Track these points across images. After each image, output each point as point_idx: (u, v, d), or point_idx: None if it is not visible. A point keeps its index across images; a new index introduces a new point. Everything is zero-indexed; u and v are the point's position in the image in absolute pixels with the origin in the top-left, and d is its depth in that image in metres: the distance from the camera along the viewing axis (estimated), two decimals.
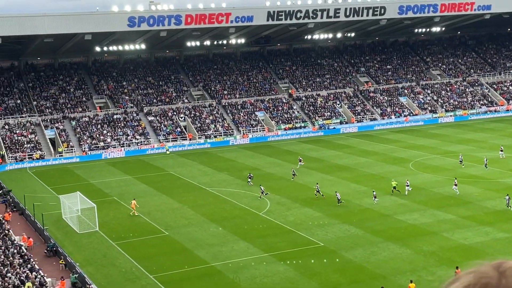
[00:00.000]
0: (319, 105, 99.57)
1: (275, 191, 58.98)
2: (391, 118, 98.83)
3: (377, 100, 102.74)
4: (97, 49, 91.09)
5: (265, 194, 56.38)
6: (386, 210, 52.17)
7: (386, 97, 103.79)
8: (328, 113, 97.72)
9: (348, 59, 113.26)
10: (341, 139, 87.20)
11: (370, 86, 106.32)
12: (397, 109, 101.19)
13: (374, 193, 54.41)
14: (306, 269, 40.00)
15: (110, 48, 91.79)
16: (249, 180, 62.30)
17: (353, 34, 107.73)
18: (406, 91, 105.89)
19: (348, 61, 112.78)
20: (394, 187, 56.54)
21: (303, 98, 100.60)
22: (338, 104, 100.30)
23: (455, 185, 56.45)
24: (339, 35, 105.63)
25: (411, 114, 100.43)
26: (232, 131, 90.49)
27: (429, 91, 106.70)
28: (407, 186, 56.65)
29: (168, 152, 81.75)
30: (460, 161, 67.59)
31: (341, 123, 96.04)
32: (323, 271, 39.64)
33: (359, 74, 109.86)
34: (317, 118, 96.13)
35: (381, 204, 53.53)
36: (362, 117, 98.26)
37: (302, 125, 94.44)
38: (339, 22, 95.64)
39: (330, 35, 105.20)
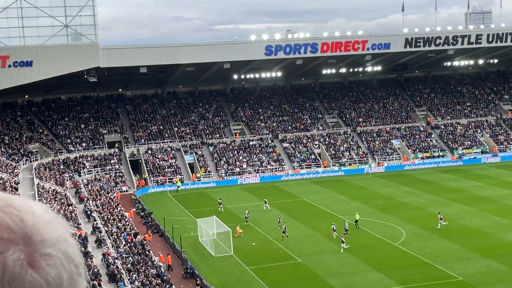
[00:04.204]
0: (458, 133, 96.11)
1: (412, 221, 57.30)
2: None
3: None
4: (235, 77, 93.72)
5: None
6: None
7: None
8: (469, 142, 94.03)
9: (490, 86, 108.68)
10: (482, 169, 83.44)
11: None
12: None
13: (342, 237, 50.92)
14: None
15: (248, 76, 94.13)
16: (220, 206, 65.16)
17: (496, 61, 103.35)
18: None
19: (491, 89, 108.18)
20: (356, 221, 55.70)
21: (442, 126, 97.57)
22: (479, 133, 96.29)
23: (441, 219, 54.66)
24: (481, 61, 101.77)
25: None
26: (367, 159, 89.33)
27: None
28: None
29: (178, 190, 78.10)
30: None
31: (482, 152, 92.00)
32: None
33: (502, 102, 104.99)
34: (456, 147, 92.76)
35: None
36: (505, 147, 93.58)
37: (441, 154, 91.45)
38: (481, 48, 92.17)
39: (471, 62, 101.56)
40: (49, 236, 1.74)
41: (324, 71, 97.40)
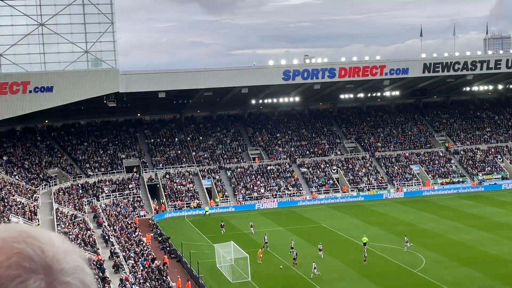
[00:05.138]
0: (478, 159, 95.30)
1: (432, 248, 56.62)
2: None
3: None
4: (253, 102, 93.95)
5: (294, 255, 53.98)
6: None
7: None
8: (489, 168, 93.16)
9: (510, 111, 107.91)
10: (503, 196, 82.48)
11: None
12: None
13: (314, 264, 50.19)
14: None
15: (265, 100, 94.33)
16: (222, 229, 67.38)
17: None
18: None
19: (511, 114, 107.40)
20: (364, 244, 55.47)
21: (461, 152, 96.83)
22: (500, 159, 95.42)
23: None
24: (500, 86, 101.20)
25: None
26: (386, 185, 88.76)
27: None
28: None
29: (208, 214, 78.55)
30: None
31: (502, 178, 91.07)
32: None
33: None
34: (476, 172, 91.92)
35: None
36: None
37: (461, 179, 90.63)
38: (500, 74, 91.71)
39: (491, 87, 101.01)
40: (68, 266, 1.84)
41: (342, 96, 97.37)
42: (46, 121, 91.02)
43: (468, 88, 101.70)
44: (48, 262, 1.82)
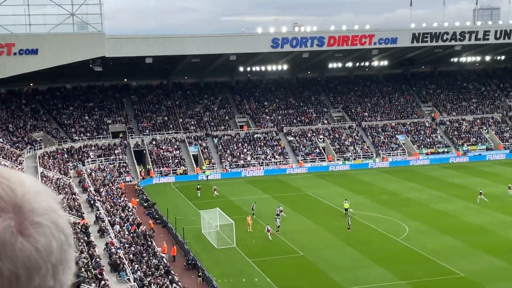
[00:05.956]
0: (464, 130, 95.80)
1: (415, 217, 57.19)
2: None
3: None
4: (241, 69, 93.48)
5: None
6: None
7: None
8: (474, 139, 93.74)
9: (497, 83, 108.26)
10: (487, 166, 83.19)
11: None
12: None
13: None
14: None
15: (254, 68, 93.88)
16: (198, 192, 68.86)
17: (503, 57, 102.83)
18: None
19: (497, 85, 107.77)
20: (346, 210, 57.13)
21: (447, 123, 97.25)
22: (485, 130, 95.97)
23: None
24: (487, 58, 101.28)
25: None
26: (372, 154, 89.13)
27: None
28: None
29: (208, 179, 78.60)
30: None
31: (487, 149, 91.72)
32: None
33: (508, 99, 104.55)
34: (461, 143, 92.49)
35: None
36: (511, 144, 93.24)
37: (446, 150, 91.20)
38: (489, 45, 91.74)
39: (478, 58, 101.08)
40: (39, 206, 1.79)
41: (330, 65, 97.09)
42: (31, 84, 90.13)
43: (456, 59, 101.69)
44: (18, 202, 1.77)
